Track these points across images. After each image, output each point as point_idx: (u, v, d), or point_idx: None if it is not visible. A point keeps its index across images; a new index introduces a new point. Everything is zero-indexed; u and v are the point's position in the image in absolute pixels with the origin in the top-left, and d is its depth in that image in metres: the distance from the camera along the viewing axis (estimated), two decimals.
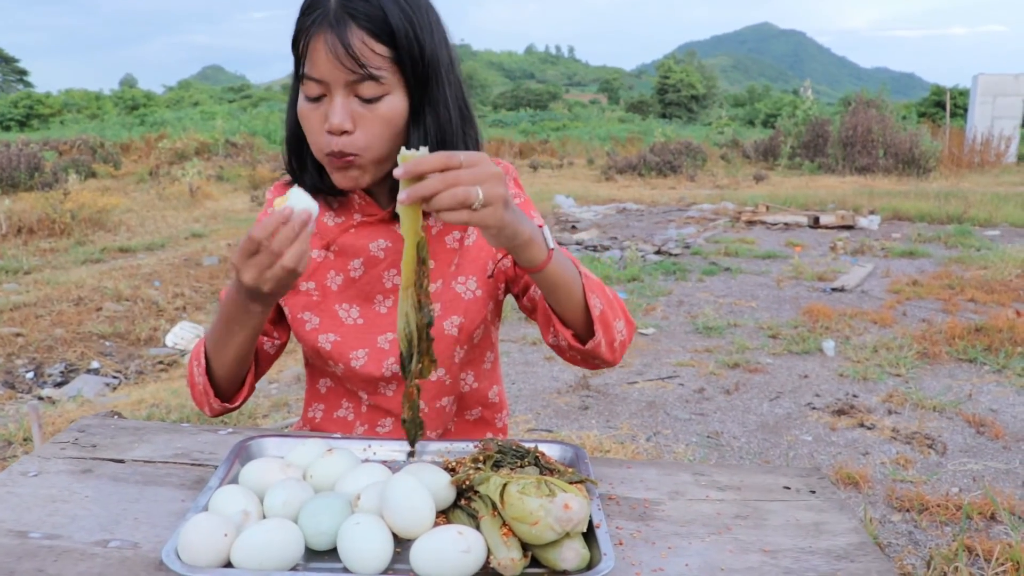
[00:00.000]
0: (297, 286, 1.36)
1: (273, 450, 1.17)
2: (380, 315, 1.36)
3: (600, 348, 1.20)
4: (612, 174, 17.41)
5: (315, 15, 1.15)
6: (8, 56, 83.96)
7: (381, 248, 1.33)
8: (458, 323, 1.34)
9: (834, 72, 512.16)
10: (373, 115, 1.18)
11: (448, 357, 1.36)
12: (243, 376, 1.32)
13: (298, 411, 4.10)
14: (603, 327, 1.18)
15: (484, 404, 1.48)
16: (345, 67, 1.14)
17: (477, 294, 1.35)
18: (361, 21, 1.14)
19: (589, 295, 1.16)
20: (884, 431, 3.77)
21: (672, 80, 59.46)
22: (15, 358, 5.24)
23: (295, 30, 1.20)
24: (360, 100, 1.18)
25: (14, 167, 13.38)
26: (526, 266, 1.09)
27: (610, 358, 1.23)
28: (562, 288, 1.14)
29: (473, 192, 0.94)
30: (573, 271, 1.15)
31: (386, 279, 1.35)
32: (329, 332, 1.35)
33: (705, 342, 5.25)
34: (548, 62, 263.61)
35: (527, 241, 1.05)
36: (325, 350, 1.35)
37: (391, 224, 1.33)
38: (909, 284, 6.67)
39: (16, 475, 1.15)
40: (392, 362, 1.34)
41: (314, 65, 1.16)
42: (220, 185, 15.00)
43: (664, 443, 3.70)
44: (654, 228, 10.19)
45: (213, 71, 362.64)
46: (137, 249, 8.93)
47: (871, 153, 16.95)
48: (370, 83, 1.16)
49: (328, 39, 1.14)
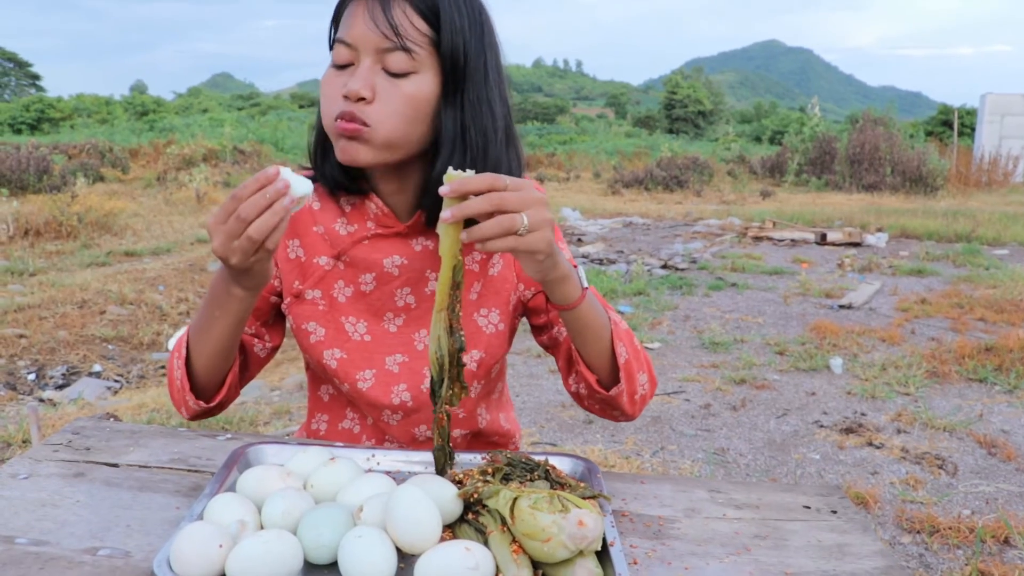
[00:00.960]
0: (303, 294, 1.30)
1: (273, 457, 1.12)
2: (388, 333, 1.30)
3: (622, 398, 1.16)
4: (619, 188, 17.39)
5: None
6: (22, 61, 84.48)
7: (396, 265, 1.26)
8: (478, 358, 1.28)
9: (841, 90, 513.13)
10: (396, 90, 1.12)
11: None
12: (224, 373, 1.23)
13: (300, 419, 4.05)
14: (627, 377, 1.15)
15: (498, 433, 1.43)
16: (379, 31, 1.09)
17: (499, 328, 1.29)
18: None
19: (616, 341, 1.13)
20: (893, 450, 3.71)
21: (679, 95, 59.56)
22: (17, 359, 5.21)
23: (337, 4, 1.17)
24: (387, 74, 1.12)
25: (23, 170, 13.42)
26: (559, 302, 1.06)
27: (630, 410, 1.19)
28: (591, 330, 1.10)
29: (519, 219, 0.91)
30: (603, 315, 1.12)
31: (398, 297, 1.28)
32: (335, 347, 1.29)
33: (711, 357, 5.20)
34: (556, 76, 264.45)
35: (564, 276, 1.02)
36: (331, 367, 1.29)
37: (408, 239, 1.26)
38: (917, 302, 6.62)
39: (5, 477, 1.11)
40: (403, 389, 1.28)
41: (348, 28, 1.12)
42: (227, 191, 15.00)
43: (670, 459, 3.65)
44: (660, 242, 10.15)
45: (223, 78, 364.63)
46: (143, 253, 8.92)
47: (878, 171, 16.91)
48: (401, 55, 1.11)
49: (368, 5, 1.11)
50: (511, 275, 1.30)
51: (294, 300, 1.31)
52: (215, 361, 1.20)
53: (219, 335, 1.16)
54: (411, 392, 1.28)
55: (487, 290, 1.29)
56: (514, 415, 1.50)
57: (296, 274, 1.30)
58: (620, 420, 1.22)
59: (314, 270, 1.29)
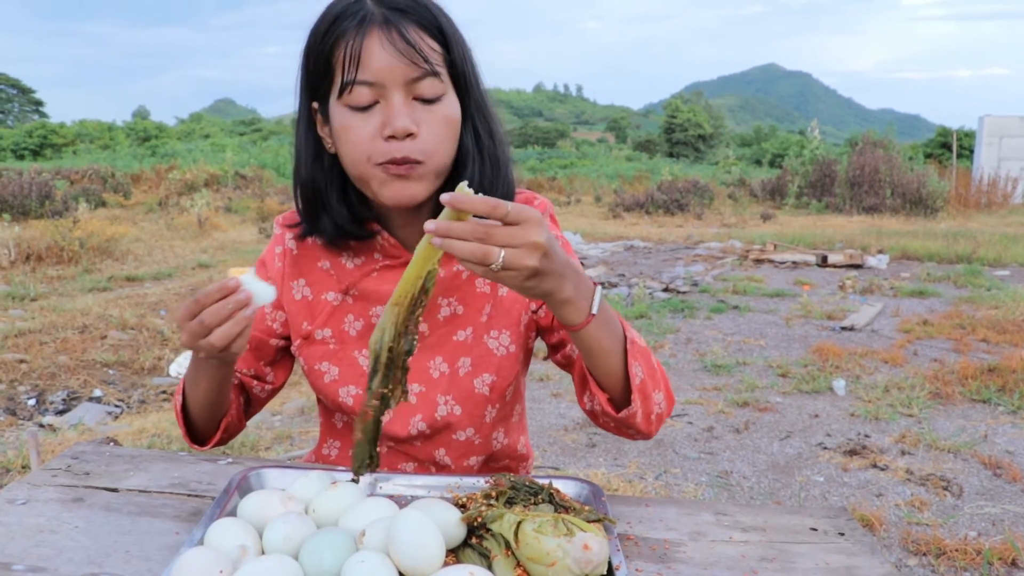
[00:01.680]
0: (312, 335, 1.28)
1: (274, 482, 1.11)
2: None
3: (636, 419, 1.12)
4: (619, 212, 17.42)
5: (354, 19, 1.07)
6: (25, 87, 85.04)
7: None
8: (490, 382, 1.26)
9: (840, 113, 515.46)
10: (434, 117, 1.10)
11: (479, 417, 1.28)
12: (217, 420, 1.28)
13: (301, 444, 4.03)
14: (642, 397, 1.10)
15: (512, 456, 1.40)
16: (406, 61, 1.06)
17: (511, 350, 1.27)
18: (412, 16, 1.08)
19: (631, 362, 1.09)
20: (898, 472, 3.69)
21: (679, 119, 59.84)
22: (18, 384, 5.19)
23: (318, 44, 1.10)
24: (420, 101, 1.09)
25: (25, 195, 13.47)
26: (562, 323, 1.03)
27: (645, 430, 1.15)
28: (600, 352, 1.06)
29: (495, 254, 0.88)
30: (617, 335, 1.08)
31: None
32: (350, 384, 1.27)
33: (714, 380, 5.18)
34: (556, 100, 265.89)
35: (561, 302, 0.99)
36: (347, 405, 1.28)
37: None
38: (919, 323, 6.60)
39: (3, 503, 1.10)
40: (419, 419, 1.26)
41: (366, 67, 1.06)
42: (228, 216, 15.04)
43: (673, 482, 3.62)
44: (662, 265, 10.15)
45: (224, 104, 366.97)
46: (144, 278, 8.92)
47: (878, 193, 16.93)
48: (431, 80, 1.08)
49: (382, 36, 1.06)
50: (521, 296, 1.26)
51: (304, 342, 1.30)
52: (206, 411, 1.25)
53: (205, 390, 1.20)
54: (427, 421, 1.26)
55: (497, 312, 1.27)
56: (528, 440, 1.49)
57: (304, 315, 1.29)
58: (636, 438, 1.18)
59: (322, 308, 1.28)
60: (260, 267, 1.34)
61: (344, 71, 1.08)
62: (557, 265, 0.94)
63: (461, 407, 1.26)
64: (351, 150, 1.11)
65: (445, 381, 1.26)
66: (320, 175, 1.20)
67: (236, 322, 1.00)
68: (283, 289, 1.30)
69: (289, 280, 1.30)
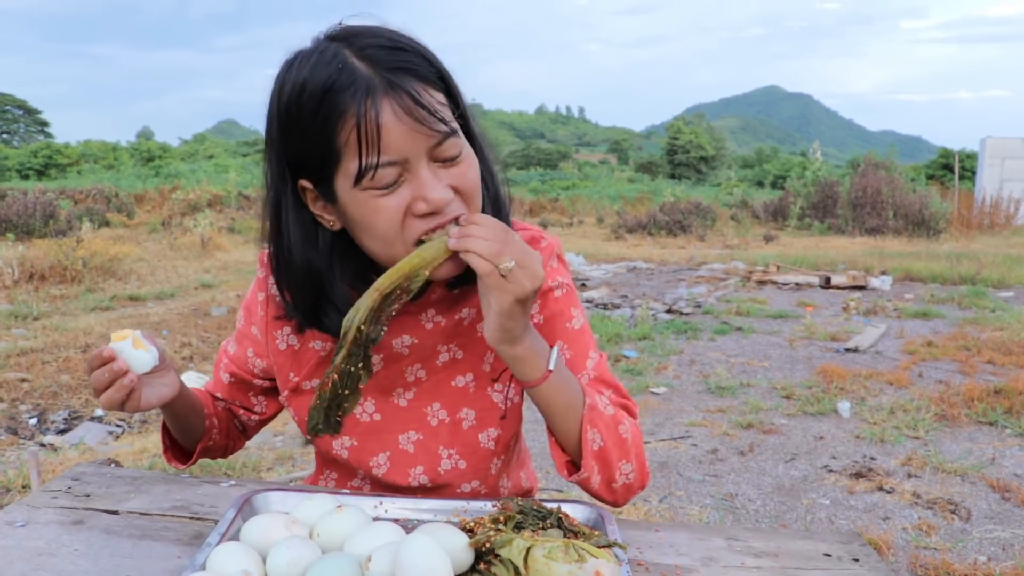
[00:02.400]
0: (300, 386, 1.23)
1: (278, 505, 1.08)
2: (399, 409, 1.22)
3: (590, 484, 1.09)
4: (622, 233, 17.44)
5: (352, 91, 0.95)
6: (31, 108, 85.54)
7: (406, 345, 1.18)
8: (495, 435, 1.22)
9: (841, 135, 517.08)
10: (461, 176, 1.02)
11: (484, 470, 1.25)
12: (192, 443, 1.32)
13: (303, 464, 4.01)
14: (600, 464, 1.08)
15: (518, 491, 1.37)
16: (428, 130, 0.96)
17: (515, 401, 1.23)
18: (414, 72, 0.98)
19: (587, 428, 1.06)
20: (904, 495, 3.65)
21: (681, 141, 60.03)
22: (19, 404, 5.17)
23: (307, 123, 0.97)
24: (442, 162, 1.01)
25: (29, 214, 13.52)
26: (518, 379, 1.04)
27: (609, 499, 1.12)
28: (556, 412, 1.06)
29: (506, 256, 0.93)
30: (575, 399, 1.06)
31: (408, 373, 1.21)
32: (344, 436, 1.22)
33: (718, 402, 5.15)
34: (558, 122, 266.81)
35: (517, 357, 1.01)
36: (342, 457, 1.24)
37: (417, 316, 1.18)
38: (924, 345, 6.57)
39: (2, 525, 1.08)
40: (420, 472, 1.22)
41: (387, 146, 0.95)
42: (231, 237, 15.06)
43: (678, 504, 3.59)
44: (664, 287, 10.14)
45: (228, 125, 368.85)
46: (147, 298, 8.92)
47: (881, 214, 16.95)
48: (451, 139, 0.99)
49: (395, 107, 0.95)
50: None
51: (292, 393, 1.25)
52: (178, 434, 1.30)
53: (169, 420, 1.27)
54: (429, 475, 1.23)
55: (500, 364, 1.20)
56: (532, 466, 1.45)
57: (290, 365, 1.24)
58: (605, 503, 1.15)
59: (310, 356, 1.22)
60: (246, 313, 1.29)
61: (362, 155, 0.96)
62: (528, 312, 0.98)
63: (466, 461, 1.22)
64: (384, 234, 1.01)
65: (446, 431, 1.21)
66: (318, 259, 1.08)
67: (116, 389, 1.06)
68: (267, 338, 1.25)
69: (273, 329, 1.23)
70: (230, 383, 1.34)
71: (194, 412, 1.26)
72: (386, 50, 0.97)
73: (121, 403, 1.08)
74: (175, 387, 1.16)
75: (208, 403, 1.33)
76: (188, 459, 1.34)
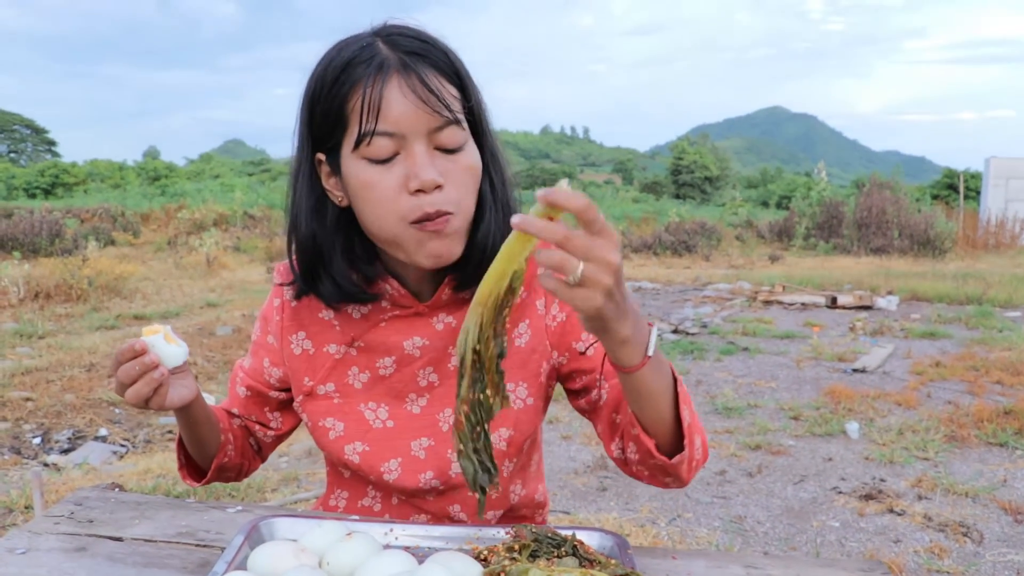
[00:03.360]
0: (314, 390, 1.23)
1: (286, 532, 1.06)
2: (412, 415, 1.22)
3: (682, 465, 1.05)
4: (627, 253, 17.42)
5: (369, 64, 1.01)
6: (38, 127, 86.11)
7: (417, 347, 1.19)
8: (507, 436, 1.20)
9: (845, 155, 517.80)
10: (458, 167, 1.04)
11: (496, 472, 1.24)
12: (207, 459, 1.31)
13: (308, 486, 3.98)
14: (689, 443, 1.04)
15: (530, 506, 1.35)
16: (430, 110, 1.01)
17: (528, 403, 1.21)
18: (430, 60, 1.03)
19: (682, 406, 1.02)
20: (915, 517, 3.61)
21: (686, 161, 60.07)
22: (23, 423, 5.16)
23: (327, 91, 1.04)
24: (441, 151, 1.04)
25: (36, 233, 13.58)
26: (615, 364, 0.96)
27: (686, 477, 1.08)
28: (651, 396, 0.99)
29: (571, 263, 0.79)
30: (667, 378, 1.01)
31: (421, 377, 1.20)
32: (356, 441, 1.21)
33: (725, 423, 5.12)
34: (563, 142, 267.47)
35: (621, 341, 0.91)
36: (353, 463, 1.22)
37: (428, 318, 1.19)
38: (932, 365, 6.54)
39: (3, 552, 1.06)
40: (430, 476, 1.20)
41: (385, 116, 1.00)
42: (237, 256, 15.08)
43: (686, 526, 3.55)
44: (670, 307, 10.11)
45: (234, 145, 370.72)
46: (152, 317, 8.91)
47: (886, 234, 16.92)
48: (453, 129, 1.03)
49: (401, 83, 1.00)
50: (541, 344, 1.21)
51: (306, 398, 1.25)
52: (194, 448, 1.29)
53: (183, 430, 1.26)
54: (440, 478, 1.21)
55: (512, 364, 1.19)
56: (545, 487, 1.43)
57: (305, 370, 1.24)
58: (671, 486, 1.11)
59: (324, 361, 1.23)
60: (262, 322, 1.30)
61: (362, 121, 1.01)
62: (625, 295, 0.87)
63: None
64: (376, 208, 1.05)
65: None
66: (322, 230, 1.13)
67: (145, 382, 1.07)
68: (282, 344, 1.26)
69: (288, 334, 1.25)
70: (246, 397, 1.34)
71: (209, 423, 1.26)
72: (409, 38, 1.04)
73: (147, 399, 1.08)
74: (194, 390, 1.18)
75: (223, 419, 1.33)
76: (203, 476, 1.34)
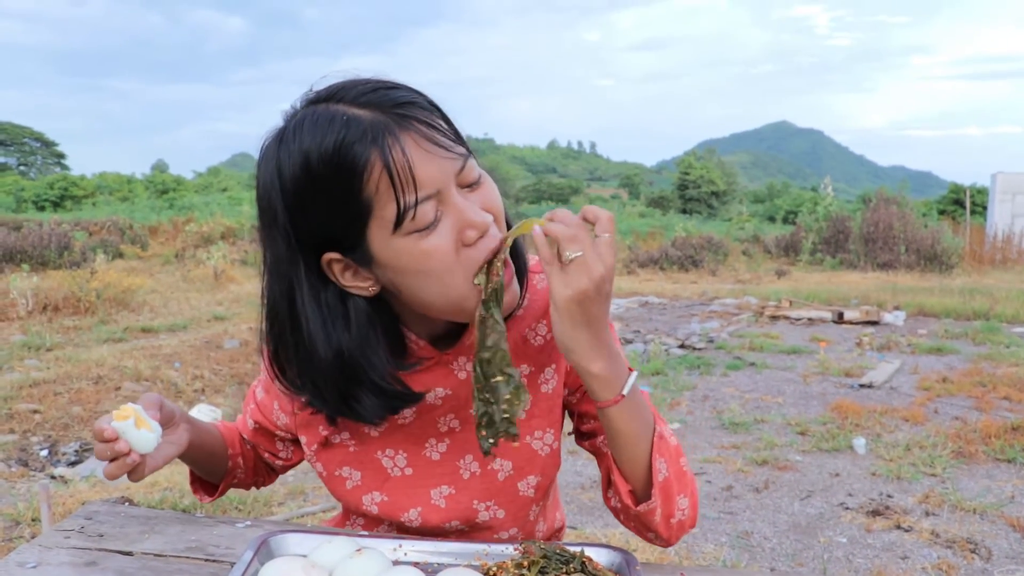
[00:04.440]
0: (329, 439, 1.19)
1: (296, 547, 1.05)
2: (431, 463, 1.17)
3: (654, 517, 1.06)
4: (634, 268, 17.42)
5: (366, 138, 0.90)
6: (48, 140, 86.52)
7: (439, 396, 1.14)
8: (535, 483, 1.18)
9: (852, 170, 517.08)
10: (488, 198, 0.99)
11: (523, 518, 1.21)
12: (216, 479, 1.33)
13: (315, 499, 3.98)
14: (663, 496, 1.05)
15: (551, 531, 1.34)
16: (450, 155, 0.93)
17: (554, 447, 1.19)
18: (416, 104, 0.94)
19: (656, 457, 1.03)
20: (923, 534, 3.60)
21: (692, 176, 60.04)
22: (31, 435, 5.18)
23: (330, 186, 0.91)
24: (467, 190, 0.98)
25: (45, 246, 13.63)
26: (592, 397, 1.00)
27: (664, 534, 1.09)
28: (625, 437, 1.01)
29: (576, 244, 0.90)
30: (646, 425, 1.03)
31: (441, 424, 1.16)
32: (374, 491, 1.18)
33: (732, 438, 5.11)
34: (570, 157, 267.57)
35: (593, 374, 0.96)
36: (372, 513, 1.20)
37: (449, 366, 1.12)
38: (939, 381, 6.52)
39: (12, 566, 1.06)
40: (457, 524, 1.18)
41: (421, 181, 0.91)
42: (244, 269, 15.11)
43: (693, 542, 3.55)
44: (677, 322, 10.11)
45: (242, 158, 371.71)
46: (159, 330, 8.94)
47: (893, 249, 16.89)
48: (471, 162, 0.97)
49: (415, 138, 0.91)
50: (561, 386, 1.18)
51: (321, 448, 1.21)
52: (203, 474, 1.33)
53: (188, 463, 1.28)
54: (466, 524, 1.20)
55: (539, 410, 1.17)
56: (561, 504, 1.43)
57: (319, 420, 1.18)
58: (656, 543, 1.12)
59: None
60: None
61: (399, 196, 0.90)
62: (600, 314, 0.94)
63: (505, 511, 1.19)
64: (442, 276, 0.95)
65: (479, 485, 1.17)
66: (349, 339, 0.99)
67: (119, 466, 1.07)
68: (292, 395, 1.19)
69: None
70: (255, 429, 1.32)
71: (213, 457, 1.27)
72: (380, 92, 0.93)
73: (119, 476, 1.09)
74: (181, 446, 1.17)
75: (235, 442, 1.32)
76: (215, 491, 1.36)
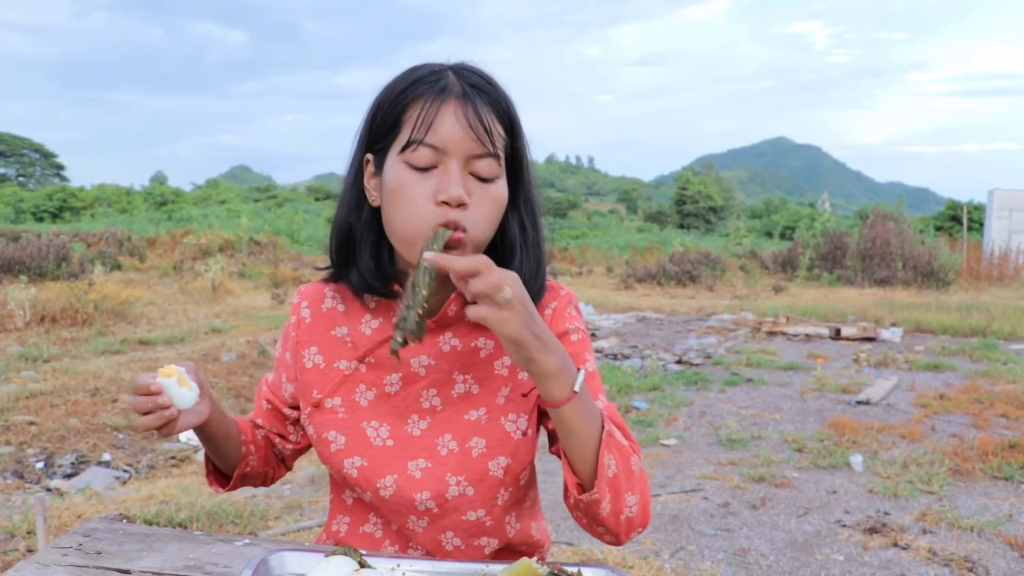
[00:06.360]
0: (322, 403, 1.28)
1: (294, 566, 1.07)
2: (412, 437, 1.25)
3: (600, 508, 1.11)
4: (631, 282, 17.44)
5: (434, 85, 1.13)
6: (47, 151, 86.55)
7: (423, 365, 1.24)
8: (504, 464, 1.23)
9: (849, 186, 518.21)
10: (487, 195, 1.15)
11: (491, 500, 1.25)
12: (229, 468, 1.38)
13: (311, 514, 3.97)
14: (611, 491, 1.10)
15: (527, 543, 1.37)
16: (474, 138, 1.12)
17: (528, 434, 1.25)
18: (488, 97, 1.14)
19: (604, 453, 1.09)
20: (920, 552, 3.60)
21: (690, 191, 60.15)
22: (27, 447, 5.16)
23: (391, 98, 1.16)
24: (475, 178, 1.14)
25: (43, 257, 13.61)
26: (544, 397, 1.07)
27: (614, 529, 1.14)
28: (576, 435, 1.09)
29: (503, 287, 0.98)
30: (595, 422, 1.10)
31: (424, 399, 1.25)
32: (355, 455, 1.25)
33: (729, 454, 5.11)
34: (568, 172, 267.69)
35: (548, 373, 1.04)
36: (352, 477, 1.26)
37: (435, 336, 1.24)
38: (936, 398, 6.52)
39: None
40: (427, 497, 1.23)
41: (435, 131, 1.12)
42: (242, 282, 15.12)
43: (689, 559, 3.54)
44: (674, 337, 10.11)
45: (241, 171, 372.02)
46: (157, 342, 8.93)
47: (890, 265, 16.94)
48: (491, 161, 1.14)
49: (457, 108, 1.12)
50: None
51: (314, 410, 1.29)
52: (216, 459, 1.36)
53: (204, 444, 1.32)
54: (435, 500, 1.24)
55: (515, 394, 1.25)
56: (545, 525, 1.44)
57: (315, 383, 1.29)
58: (608, 542, 1.17)
59: (334, 376, 1.29)
60: (283, 339, 1.38)
61: (413, 129, 1.12)
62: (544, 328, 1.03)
63: (474, 488, 1.24)
64: (405, 208, 1.14)
65: (455, 460, 1.24)
66: (357, 224, 1.24)
67: (156, 418, 1.14)
68: (296, 358, 1.32)
69: (301, 348, 1.31)
70: (268, 410, 1.41)
71: (228, 438, 1.32)
72: (475, 75, 1.16)
73: (153, 429, 1.15)
74: (204, 415, 1.23)
75: (248, 431, 1.39)
76: (228, 482, 1.41)
